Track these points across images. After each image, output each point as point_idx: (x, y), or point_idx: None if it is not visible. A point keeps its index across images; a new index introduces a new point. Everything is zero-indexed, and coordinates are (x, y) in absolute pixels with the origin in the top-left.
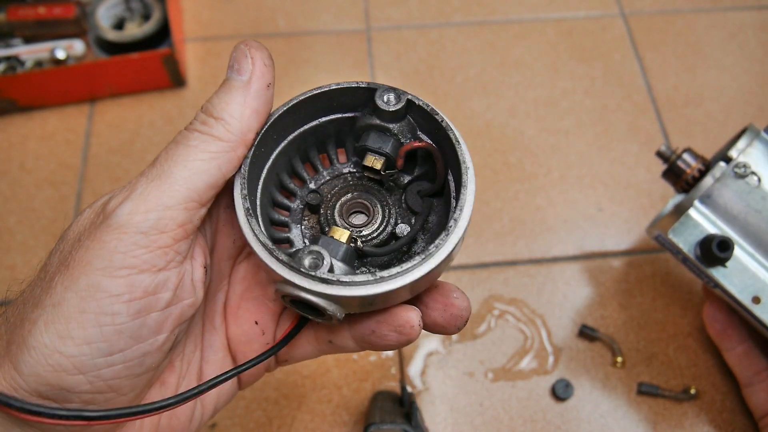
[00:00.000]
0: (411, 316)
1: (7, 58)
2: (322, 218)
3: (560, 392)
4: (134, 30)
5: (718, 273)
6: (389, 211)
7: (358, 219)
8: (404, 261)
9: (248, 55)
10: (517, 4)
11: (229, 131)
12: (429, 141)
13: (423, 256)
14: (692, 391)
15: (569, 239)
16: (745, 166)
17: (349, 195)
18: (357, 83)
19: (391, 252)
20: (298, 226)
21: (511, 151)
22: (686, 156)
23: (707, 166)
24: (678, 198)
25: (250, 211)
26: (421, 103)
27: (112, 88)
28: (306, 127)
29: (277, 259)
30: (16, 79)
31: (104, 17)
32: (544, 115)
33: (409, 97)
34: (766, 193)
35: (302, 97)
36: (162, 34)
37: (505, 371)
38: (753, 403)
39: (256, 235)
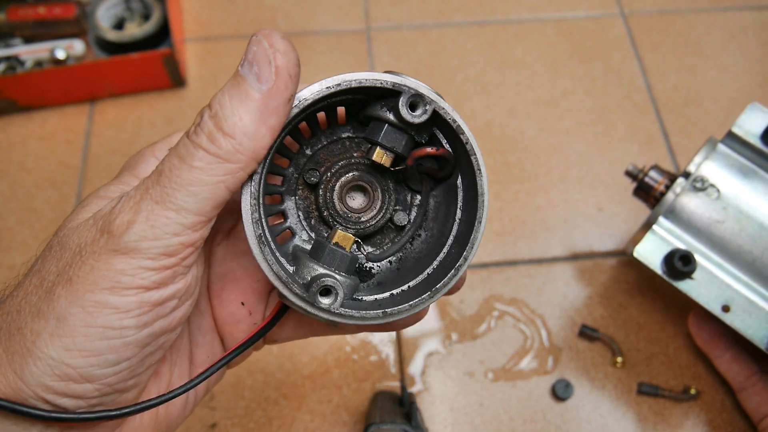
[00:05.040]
0: None
1: (7, 58)
2: (320, 200)
3: (560, 392)
4: (134, 30)
5: (686, 285)
6: (389, 197)
7: (356, 200)
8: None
9: (272, 62)
10: (517, 4)
11: (239, 152)
12: (446, 146)
13: (430, 293)
14: (692, 391)
15: (569, 239)
16: (702, 179)
17: (350, 176)
18: (381, 82)
19: (391, 254)
20: (292, 198)
21: (511, 151)
22: (653, 173)
23: (673, 181)
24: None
25: (263, 238)
26: (448, 118)
27: (112, 88)
28: (315, 107)
29: (293, 292)
30: (16, 79)
31: (104, 17)
32: (544, 115)
33: (436, 107)
34: (727, 203)
35: (319, 96)
36: (162, 34)
37: (505, 371)
38: (749, 408)
39: (270, 266)
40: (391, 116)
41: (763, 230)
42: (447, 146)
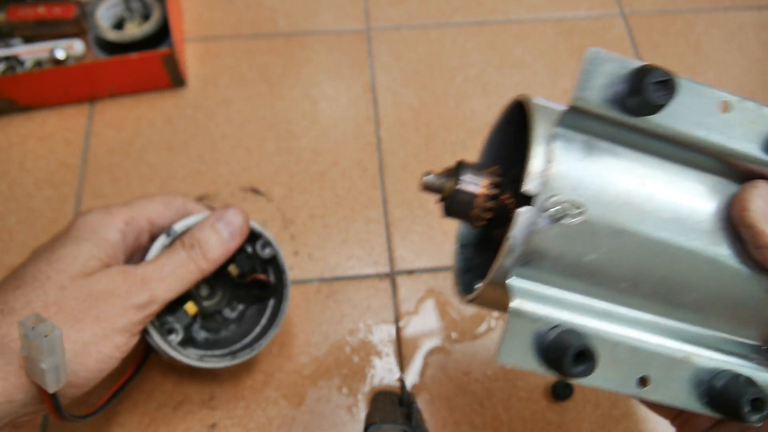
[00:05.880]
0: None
1: (7, 58)
2: None
3: (560, 392)
4: (134, 30)
5: (587, 378)
6: (225, 296)
7: (204, 291)
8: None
9: (240, 224)
10: (517, 4)
11: (209, 269)
12: (270, 277)
13: (231, 358)
14: None
15: None
16: (558, 201)
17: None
18: (253, 227)
19: (218, 332)
20: None
21: None
22: (468, 177)
23: (500, 188)
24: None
25: None
26: (279, 261)
27: (112, 88)
28: None
29: (154, 326)
30: (15, 79)
31: (104, 17)
32: None
33: (276, 252)
34: (592, 225)
35: None
36: (162, 34)
37: (505, 371)
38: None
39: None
40: (248, 250)
41: (649, 242)
42: (272, 278)
